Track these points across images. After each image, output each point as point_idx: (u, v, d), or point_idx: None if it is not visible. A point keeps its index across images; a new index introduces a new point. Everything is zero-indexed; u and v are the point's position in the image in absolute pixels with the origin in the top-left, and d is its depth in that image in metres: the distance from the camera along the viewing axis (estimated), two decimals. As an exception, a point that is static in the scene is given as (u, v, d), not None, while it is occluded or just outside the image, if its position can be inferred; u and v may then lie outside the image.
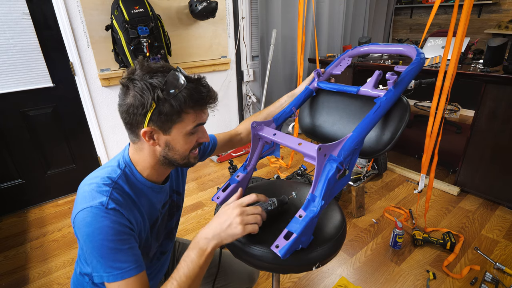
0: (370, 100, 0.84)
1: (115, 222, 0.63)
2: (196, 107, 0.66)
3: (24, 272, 1.62)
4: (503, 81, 1.74)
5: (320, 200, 0.63)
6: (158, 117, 0.63)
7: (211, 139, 0.99)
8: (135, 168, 0.72)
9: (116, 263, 0.61)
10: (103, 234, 0.61)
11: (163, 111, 0.63)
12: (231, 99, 2.97)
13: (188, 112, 0.65)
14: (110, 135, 2.33)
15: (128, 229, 0.65)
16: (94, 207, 0.62)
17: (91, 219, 0.61)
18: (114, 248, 0.61)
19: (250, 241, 0.69)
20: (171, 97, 0.62)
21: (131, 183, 0.72)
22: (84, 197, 0.65)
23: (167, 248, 0.92)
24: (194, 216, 2.03)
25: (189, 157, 0.72)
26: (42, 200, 2.23)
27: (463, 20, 1.40)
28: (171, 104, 0.62)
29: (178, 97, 0.62)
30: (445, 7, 3.73)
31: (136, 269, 0.63)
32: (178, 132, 0.67)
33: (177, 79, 0.63)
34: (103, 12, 1.98)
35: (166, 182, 0.82)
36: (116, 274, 0.61)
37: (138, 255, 0.65)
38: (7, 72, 1.85)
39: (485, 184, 2.01)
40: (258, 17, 2.77)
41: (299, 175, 2.16)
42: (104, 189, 0.65)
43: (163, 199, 0.82)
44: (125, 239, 0.64)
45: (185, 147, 0.69)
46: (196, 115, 0.67)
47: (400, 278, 1.51)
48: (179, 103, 0.63)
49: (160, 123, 0.64)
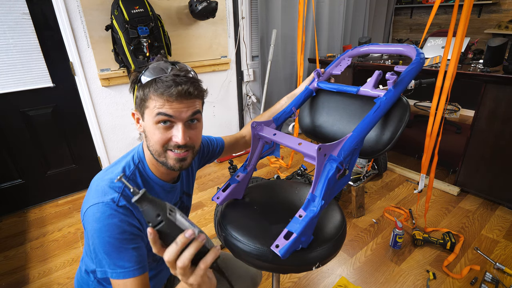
0: (370, 100, 0.85)
1: (123, 221, 0.63)
2: (158, 93, 0.63)
3: (24, 272, 1.62)
4: (503, 81, 1.74)
5: (320, 200, 0.63)
6: (136, 100, 0.69)
7: (218, 141, 1.00)
8: (146, 164, 0.73)
9: (120, 261, 0.62)
10: (110, 231, 0.62)
11: (138, 95, 0.68)
12: (231, 99, 2.97)
13: (151, 98, 0.65)
14: (110, 135, 2.33)
15: (136, 229, 0.66)
16: (105, 203, 0.63)
17: (101, 215, 0.62)
18: (120, 246, 0.62)
19: (250, 241, 0.69)
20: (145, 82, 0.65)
21: (144, 180, 0.72)
22: (96, 191, 0.66)
23: None
24: (194, 216, 2.03)
25: (166, 156, 0.68)
26: (42, 200, 2.23)
27: (463, 20, 1.40)
28: (143, 89, 0.66)
29: (151, 82, 0.65)
30: (445, 7, 3.73)
31: (138, 270, 0.63)
32: (148, 118, 0.67)
33: (159, 67, 0.66)
34: (103, 12, 1.98)
35: (176, 182, 0.82)
36: (119, 272, 0.62)
37: (143, 255, 0.66)
38: (7, 72, 1.85)
39: (485, 184, 2.01)
40: (258, 17, 2.77)
41: (299, 175, 2.16)
42: (117, 185, 0.66)
43: (173, 200, 0.82)
44: (132, 238, 0.64)
45: (154, 138, 0.66)
46: (159, 101, 0.64)
47: (400, 278, 1.51)
48: (147, 88, 0.65)
49: (138, 107, 0.69)
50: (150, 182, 0.73)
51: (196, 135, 0.70)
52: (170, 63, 0.67)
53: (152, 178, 0.73)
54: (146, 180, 0.73)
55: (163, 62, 0.68)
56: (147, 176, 0.73)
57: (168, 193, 0.78)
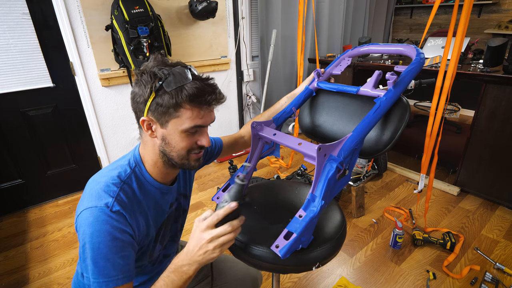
0: (370, 100, 0.85)
1: (115, 227, 0.63)
2: (193, 103, 0.63)
3: (24, 272, 1.62)
4: (503, 81, 1.74)
5: (320, 200, 0.63)
6: (156, 107, 0.64)
7: (217, 142, 0.99)
8: (144, 167, 0.72)
9: (105, 270, 0.61)
10: (101, 238, 0.61)
11: (161, 102, 0.63)
12: (231, 99, 2.97)
13: (185, 108, 0.63)
14: (110, 135, 2.33)
15: (128, 236, 0.65)
16: (99, 208, 0.62)
17: (93, 220, 0.62)
18: (108, 253, 0.61)
19: (250, 241, 0.69)
20: (171, 89, 0.62)
21: (140, 183, 0.71)
22: (91, 195, 0.65)
23: (171, 251, 0.91)
24: (194, 216, 2.03)
25: (189, 158, 0.70)
26: (42, 200, 2.23)
27: (463, 20, 1.40)
28: (170, 96, 0.62)
29: (178, 90, 0.62)
30: (445, 7, 3.73)
31: (123, 280, 0.63)
32: (174, 127, 0.65)
33: (181, 73, 0.63)
34: (103, 12, 1.98)
35: (173, 183, 0.81)
36: (101, 281, 0.61)
37: (130, 265, 0.65)
38: (7, 72, 1.85)
39: (485, 184, 2.01)
40: (258, 17, 2.77)
41: (299, 175, 2.16)
42: (112, 189, 0.66)
43: (170, 201, 0.81)
44: (122, 246, 0.63)
45: (181, 145, 0.67)
46: (194, 112, 0.64)
47: (400, 278, 1.51)
48: (177, 97, 0.62)
49: (157, 114, 0.65)
50: (147, 185, 0.72)
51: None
52: (183, 66, 0.66)
53: (149, 181, 0.73)
54: (142, 184, 0.72)
55: (179, 67, 0.65)
56: (144, 179, 0.72)
57: (164, 195, 0.77)
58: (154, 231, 0.75)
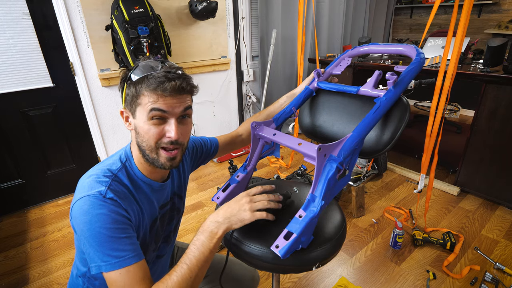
0: (370, 100, 0.84)
1: (112, 211, 0.62)
2: (150, 89, 0.64)
3: (24, 272, 1.62)
4: (503, 81, 1.74)
5: (320, 200, 0.63)
6: (126, 98, 0.68)
7: (212, 141, 0.99)
8: (134, 162, 0.73)
9: (115, 251, 0.60)
10: (100, 222, 0.60)
11: (128, 92, 0.68)
12: (231, 99, 2.97)
13: (144, 94, 0.65)
14: (110, 135, 2.33)
15: (126, 219, 0.65)
16: (92, 196, 0.62)
17: (89, 207, 0.61)
18: (112, 236, 0.61)
19: (250, 240, 0.69)
20: (136, 79, 0.65)
21: (131, 177, 0.72)
22: (82, 187, 0.65)
23: (164, 252, 0.90)
24: (194, 216, 2.03)
25: (158, 153, 0.68)
26: (42, 200, 2.23)
27: (463, 20, 1.40)
28: (133, 85, 0.66)
29: (141, 79, 0.65)
30: (445, 7, 3.73)
31: (135, 257, 0.62)
32: (140, 115, 0.67)
33: (148, 64, 0.67)
34: (103, 12, 1.98)
35: (166, 180, 0.81)
36: (114, 262, 0.60)
37: (136, 244, 0.64)
38: (7, 72, 1.85)
39: (485, 184, 2.01)
40: (258, 17, 2.77)
41: (299, 175, 2.16)
42: (104, 180, 0.66)
43: (163, 199, 0.81)
44: (123, 228, 0.63)
45: (149, 134, 0.66)
46: (152, 97, 0.64)
47: (400, 278, 1.51)
48: (138, 84, 0.65)
49: (127, 105, 0.69)
50: (137, 180, 0.72)
51: (187, 131, 0.72)
52: (160, 61, 0.68)
53: (139, 176, 0.73)
54: (133, 178, 0.72)
55: (151, 60, 0.69)
56: (134, 174, 0.72)
57: (156, 192, 0.77)
58: (148, 224, 0.75)
